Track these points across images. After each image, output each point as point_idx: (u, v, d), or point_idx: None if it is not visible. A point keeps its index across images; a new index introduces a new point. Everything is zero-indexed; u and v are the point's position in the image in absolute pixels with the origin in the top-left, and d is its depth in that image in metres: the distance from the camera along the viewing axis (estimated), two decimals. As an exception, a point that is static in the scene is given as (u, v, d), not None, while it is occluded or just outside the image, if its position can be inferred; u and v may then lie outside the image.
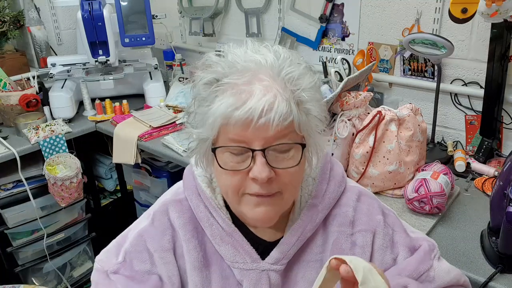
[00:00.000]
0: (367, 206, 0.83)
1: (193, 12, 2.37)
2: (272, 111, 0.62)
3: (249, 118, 0.62)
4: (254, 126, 0.63)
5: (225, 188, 0.73)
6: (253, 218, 0.72)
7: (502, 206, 1.01)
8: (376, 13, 1.74)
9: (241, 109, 0.63)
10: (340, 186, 0.82)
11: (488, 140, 1.52)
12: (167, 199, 0.84)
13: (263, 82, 0.64)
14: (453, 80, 1.63)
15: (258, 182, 0.67)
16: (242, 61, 0.67)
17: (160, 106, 2.15)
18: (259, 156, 0.65)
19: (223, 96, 0.65)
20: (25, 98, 1.98)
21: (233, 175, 0.68)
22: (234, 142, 0.66)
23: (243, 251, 0.78)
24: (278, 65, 0.67)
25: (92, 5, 1.95)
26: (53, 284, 2.23)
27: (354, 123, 1.38)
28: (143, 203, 2.30)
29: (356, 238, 0.80)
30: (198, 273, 0.78)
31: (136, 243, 0.81)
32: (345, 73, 1.71)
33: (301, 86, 0.67)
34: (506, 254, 1.02)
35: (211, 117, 0.66)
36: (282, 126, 0.64)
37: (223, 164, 0.68)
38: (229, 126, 0.65)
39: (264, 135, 0.64)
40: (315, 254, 0.80)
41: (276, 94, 0.64)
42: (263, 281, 0.77)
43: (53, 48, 2.50)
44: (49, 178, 1.89)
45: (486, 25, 1.46)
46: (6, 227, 1.94)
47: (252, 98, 0.63)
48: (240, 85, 0.64)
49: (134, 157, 1.89)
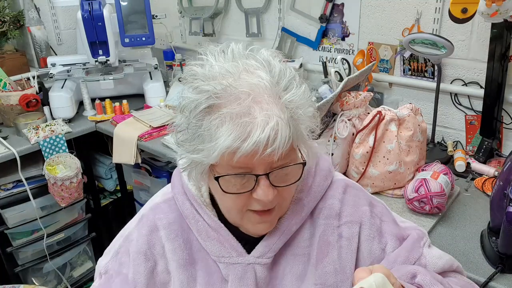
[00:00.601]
0: (353, 198, 0.83)
1: (193, 12, 2.37)
2: (277, 140, 0.62)
3: (255, 149, 0.62)
4: (260, 156, 0.63)
5: (227, 209, 0.75)
6: (255, 232, 0.76)
7: (502, 206, 1.01)
8: (376, 13, 1.74)
9: (247, 142, 0.61)
10: (326, 180, 0.83)
11: (488, 140, 1.52)
12: (156, 200, 0.86)
13: (263, 108, 0.63)
14: (453, 80, 1.63)
15: (262, 203, 0.69)
16: (235, 84, 0.64)
17: (160, 106, 2.15)
18: (263, 179, 0.67)
19: (224, 128, 0.62)
20: (25, 98, 1.98)
21: (236, 198, 0.70)
22: (237, 169, 0.66)
23: (229, 246, 0.78)
24: (275, 84, 0.65)
25: (92, 5, 1.95)
26: (53, 284, 2.23)
27: (354, 123, 1.38)
28: (143, 203, 2.26)
29: (342, 230, 0.80)
30: (183, 271, 0.79)
31: (121, 244, 0.84)
32: (345, 73, 1.71)
33: (296, 102, 0.66)
34: (506, 254, 1.02)
35: (216, 150, 0.63)
36: (285, 150, 0.64)
37: (226, 189, 0.68)
38: (233, 155, 0.63)
39: (268, 161, 0.65)
40: (302, 248, 0.80)
41: (278, 120, 0.62)
42: (249, 275, 0.77)
43: (53, 48, 2.50)
44: (49, 178, 1.89)
45: (486, 25, 1.46)
46: (6, 227, 1.94)
47: (256, 129, 0.61)
48: (239, 114, 0.62)
49: (134, 157, 1.89)
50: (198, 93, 0.65)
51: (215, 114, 0.63)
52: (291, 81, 0.67)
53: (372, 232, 0.80)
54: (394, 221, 0.84)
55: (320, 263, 0.78)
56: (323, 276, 0.77)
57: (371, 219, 0.81)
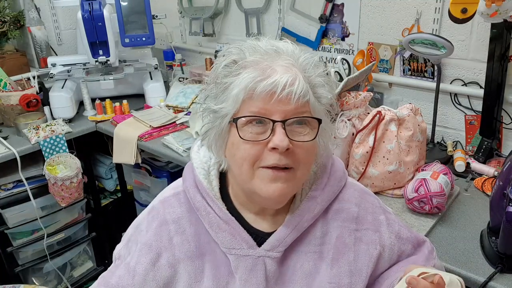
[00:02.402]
0: (371, 205, 0.86)
1: (193, 12, 2.37)
2: (294, 85, 0.68)
3: (273, 89, 0.68)
4: (277, 98, 0.68)
5: (241, 161, 0.73)
6: (267, 194, 0.73)
7: (502, 206, 1.01)
8: (376, 13, 1.74)
9: (266, 81, 0.68)
10: (340, 181, 0.85)
11: (488, 140, 1.52)
12: (165, 194, 0.89)
13: (284, 63, 0.71)
14: (453, 80, 1.63)
15: (277, 151, 0.70)
16: (264, 46, 0.73)
17: (160, 106, 2.15)
18: (279, 127, 0.69)
19: (247, 71, 0.70)
20: (26, 98, 1.98)
21: (252, 146, 0.71)
22: (256, 114, 0.70)
23: (240, 238, 0.79)
24: (297, 53, 0.74)
25: (92, 5, 1.95)
26: (53, 284, 2.23)
27: (354, 123, 1.38)
28: (143, 203, 2.30)
29: (362, 234, 0.83)
30: (191, 262, 0.81)
31: (132, 233, 0.88)
32: (345, 73, 1.71)
33: (315, 72, 0.74)
34: (506, 254, 1.02)
35: (235, 89, 0.70)
36: (302, 102, 0.70)
37: (243, 135, 0.71)
38: (252, 100, 0.70)
39: (285, 108, 0.69)
40: (314, 245, 0.82)
41: (296, 73, 0.70)
42: (259, 267, 0.79)
43: (53, 48, 2.50)
44: (49, 178, 1.89)
45: (486, 25, 1.46)
46: (6, 227, 1.95)
47: (275, 74, 0.68)
48: (262, 62, 0.70)
49: (134, 157, 1.89)
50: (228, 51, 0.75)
51: (240, 62, 0.72)
52: (312, 57, 0.75)
53: (392, 240, 0.84)
54: (406, 227, 0.89)
55: (336, 263, 0.80)
56: (338, 275, 0.80)
57: (388, 227, 0.85)
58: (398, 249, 0.85)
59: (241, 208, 0.83)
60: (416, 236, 0.90)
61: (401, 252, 0.86)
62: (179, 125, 1.98)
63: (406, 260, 0.86)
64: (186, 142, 1.78)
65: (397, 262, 0.86)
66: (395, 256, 0.85)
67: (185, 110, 2.10)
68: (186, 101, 2.12)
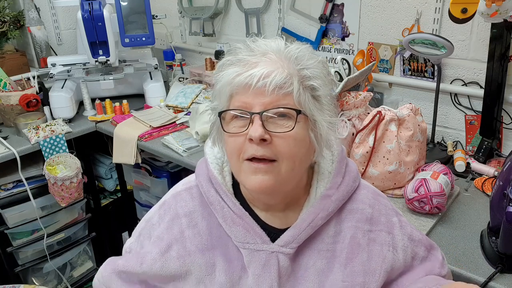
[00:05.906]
0: (384, 207, 0.87)
1: (193, 12, 2.37)
2: (269, 77, 0.70)
3: (249, 82, 0.71)
4: (253, 90, 0.71)
5: (230, 155, 0.77)
6: (249, 186, 0.75)
7: (502, 206, 1.01)
8: (376, 13, 1.74)
9: (242, 75, 0.71)
10: (354, 182, 0.86)
11: (488, 140, 1.52)
12: (177, 188, 0.91)
13: (270, 57, 0.73)
14: (453, 80, 1.63)
15: (253, 142, 0.71)
16: (257, 46, 0.76)
17: (160, 106, 2.15)
18: (256, 118, 0.72)
19: (231, 67, 0.74)
20: (25, 98, 1.98)
21: (236, 139, 0.74)
22: (238, 108, 0.73)
23: (253, 233, 0.80)
24: (286, 48, 0.76)
25: (92, 5, 1.95)
26: (53, 284, 2.23)
27: (354, 123, 1.38)
28: (143, 203, 2.30)
29: (376, 235, 0.84)
30: (202, 255, 0.82)
31: (143, 227, 0.91)
32: (345, 73, 1.71)
33: (306, 64, 0.74)
34: (506, 254, 1.02)
35: (219, 84, 0.75)
36: (278, 94, 0.71)
37: (228, 129, 0.75)
38: (238, 95, 0.73)
39: (263, 100, 0.71)
40: (327, 244, 0.82)
41: (278, 66, 0.72)
42: (272, 262, 0.79)
43: (53, 48, 2.50)
44: (49, 178, 1.89)
45: (486, 25, 1.46)
46: (6, 227, 1.95)
47: (255, 68, 0.72)
48: (250, 60, 0.74)
49: (134, 157, 1.89)
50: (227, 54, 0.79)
51: (233, 60, 0.75)
52: (305, 50, 0.76)
53: (405, 241, 0.85)
54: (416, 229, 0.90)
55: (350, 263, 0.81)
56: (352, 275, 0.80)
57: (401, 229, 0.86)
58: (411, 251, 0.86)
59: (252, 205, 0.84)
60: (427, 239, 0.91)
61: (414, 254, 0.86)
62: (179, 125, 1.98)
63: (422, 265, 0.87)
64: (186, 142, 1.78)
65: (412, 265, 0.86)
66: (409, 258, 0.86)
67: (185, 110, 2.10)
68: (186, 101, 2.12)
